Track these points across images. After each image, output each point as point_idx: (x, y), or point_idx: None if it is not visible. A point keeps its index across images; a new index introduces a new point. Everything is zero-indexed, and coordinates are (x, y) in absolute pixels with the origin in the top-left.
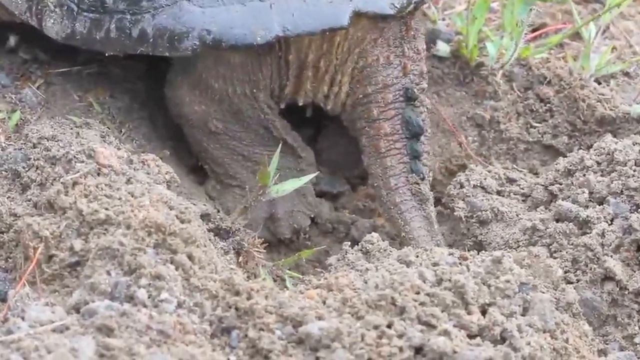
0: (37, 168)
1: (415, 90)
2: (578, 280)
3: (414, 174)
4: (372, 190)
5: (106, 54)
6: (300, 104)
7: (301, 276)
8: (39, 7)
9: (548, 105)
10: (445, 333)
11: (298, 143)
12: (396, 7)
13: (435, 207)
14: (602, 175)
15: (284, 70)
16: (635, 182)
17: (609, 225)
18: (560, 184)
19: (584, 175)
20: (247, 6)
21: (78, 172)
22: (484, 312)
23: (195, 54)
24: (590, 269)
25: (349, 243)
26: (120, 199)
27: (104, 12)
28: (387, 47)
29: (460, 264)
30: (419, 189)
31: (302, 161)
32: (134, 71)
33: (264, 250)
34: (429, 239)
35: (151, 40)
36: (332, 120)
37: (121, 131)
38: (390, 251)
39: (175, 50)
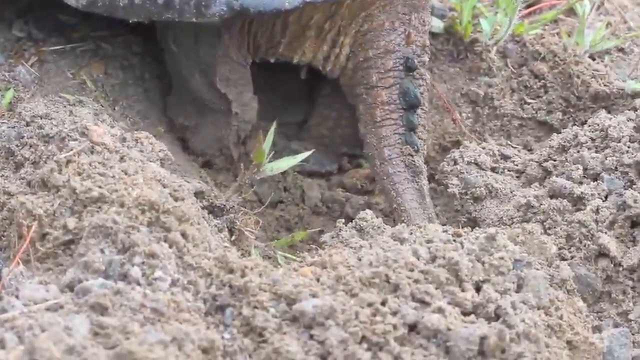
0: (30, 146)
1: (415, 61)
2: (572, 257)
3: (408, 146)
4: (365, 171)
5: (130, 21)
6: (295, 62)
7: (295, 258)
8: None
9: (542, 81)
10: (439, 310)
11: (232, 90)
12: None
13: (429, 183)
14: (596, 152)
15: (280, 29)
16: (629, 158)
17: (603, 201)
18: (555, 161)
19: (578, 151)
20: None
21: (71, 150)
22: (478, 289)
23: (222, 20)
24: (585, 246)
25: (343, 220)
26: (113, 177)
27: None
28: (394, 14)
29: (454, 240)
30: (413, 161)
31: (234, 117)
32: (128, 49)
33: (256, 231)
34: (421, 212)
35: (177, 6)
36: (324, 96)
37: (115, 109)
38: (384, 228)
39: (202, 16)
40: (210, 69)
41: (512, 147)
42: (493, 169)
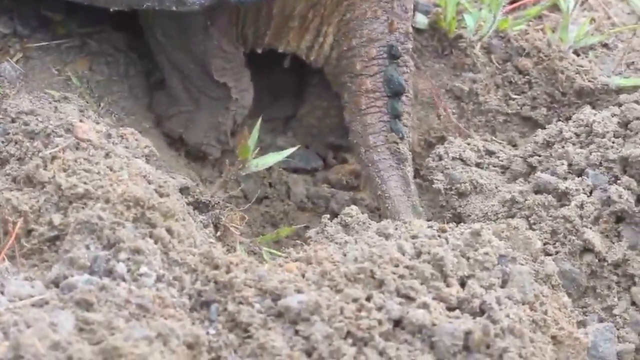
0: (15, 142)
1: (399, 48)
2: (557, 252)
3: (393, 133)
4: (351, 166)
5: (110, 10)
6: (280, 51)
7: (280, 254)
8: None
9: (527, 77)
10: (424, 306)
11: (236, 85)
12: None
13: (414, 179)
14: (580, 147)
15: (265, 19)
16: (613, 153)
17: (588, 197)
18: (539, 156)
19: (563, 147)
20: None
21: (57, 146)
22: (462, 285)
23: (203, 10)
24: (569, 241)
25: (328, 216)
26: (99, 173)
27: None
28: (376, 2)
29: (439, 236)
30: (398, 148)
31: (233, 103)
32: (113, 45)
33: (241, 227)
34: (405, 199)
35: None
36: (314, 85)
37: (100, 105)
38: (369, 224)
39: (182, 5)
40: (204, 60)
41: (497, 142)
42: (478, 165)
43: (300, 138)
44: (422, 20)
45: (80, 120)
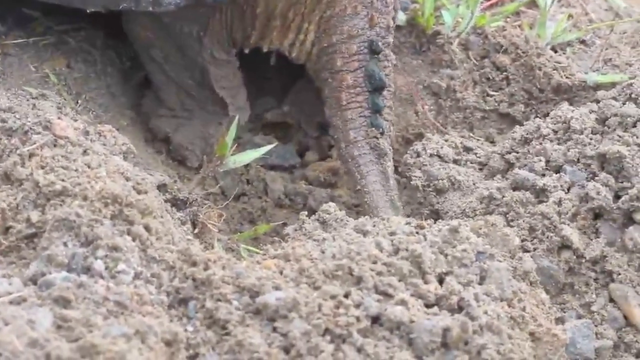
0: None
1: (380, 43)
2: (535, 249)
3: (373, 128)
4: (329, 163)
5: (87, 11)
6: (265, 50)
7: (258, 251)
8: None
9: (504, 73)
10: (403, 302)
11: (228, 93)
12: None
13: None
14: (558, 144)
15: (250, 21)
16: (591, 150)
17: (566, 193)
18: (517, 153)
19: (541, 143)
20: None
21: (34, 143)
22: (441, 281)
23: (178, 10)
24: (547, 238)
25: (306, 213)
26: (76, 170)
27: None
28: None
29: (417, 233)
30: (378, 143)
31: (227, 120)
32: (91, 42)
33: (219, 224)
34: (384, 193)
35: None
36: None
37: (78, 102)
38: (347, 221)
39: (158, 5)
40: (202, 72)
41: (475, 139)
42: (456, 161)
43: (292, 114)
44: (400, 17)
45: (58, 118)
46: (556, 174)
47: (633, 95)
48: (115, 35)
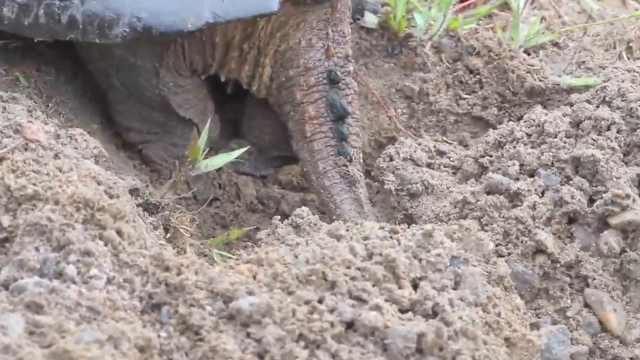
0: None
1: (338, 72)
2: (509, 254)
3: (341, 157)
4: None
5: (35, 40)
6: (222, 80)
7: (231, 256)
8: None
9: (477, 76)
10: (377, 308)
11: (194, 113)
12: None
13: (365, 180)
14: (532, 147)
15: (210, 52)
16: (565, 153)
17: (540, 197)
18: (491, 156)
19: (514, 147)
20: None
21: (5, 147)
22: (415, 287)
23: (125, 41)
24: (522, 242)
25: (279, 217)
26: (48, 174)
27: None
28: (309, 30)
29: (390, 237)
30: (347, 171)
31: (195, 129)
32: (62, 45)
33: (191, 228)
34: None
35: (81, 26)
36: (248, 105)
37: (48, 105)
38: (321, 225)
39: (105, 37)
40: (165, 102)
41: (448, 143)
42: (429, 165)
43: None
44: (371, 20)
45: (29, 121)
46: (530, 177)
47: (607, 98)
48: None
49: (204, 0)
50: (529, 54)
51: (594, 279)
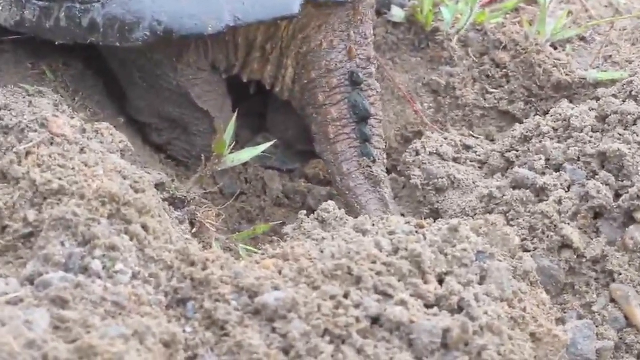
0: None
1: (360, 74)
2: (535, 249)
3: (365, 157)
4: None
5: (56, 43)
6: (245, 80)
7: (257, 251)
8: None
9: (504, 70)
10: (402, 303)
11: (213, 106)
12: None
13: (390, 174)
14: (558, 142)
15: (233, 52)
16: (591, 148)
17: (566, 192)
18: (517, 151)
19: (541, 141)
20: None
21: (31, 141)
22: (441, 282)
23: (146, 45)
24: (548, 237)
25: (305, 212)
26: (73, 168)
27: (53, 1)
28: (331, 32)
29: (416, 232)
30: (372, 171)
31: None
32: None
33: (217, 223)
34: None
35: (102, 30)
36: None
37: (75, 99)
38: (347, 220)
39: (125, 40)
40: (182, 95)
41: (474, 137)
42: (455, 160)
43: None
44: (398, 14)
45: (55, 115)
46: (556, 172)
47: (633, 93)
48: None
49: (224, 3)
50: (555, 48)
51: (620, 274)
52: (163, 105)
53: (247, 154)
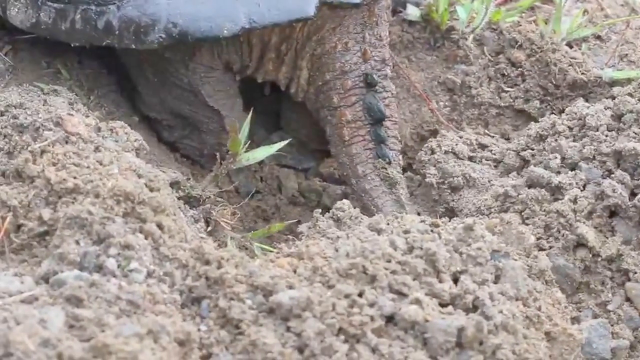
0: (4, 136)
1: (375, 76)
2: (550, 247)
3: (380, 159)
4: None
5: (72, 45)
6: (259, 81)
7: (272, 250)
8: None
9: (519, 69)
10: (417, 302)
11: (223, 105)
12: None
13: (406, 173)
14: (574, 141)
15: (247, 53)
16: (607, 147)
17: (581, 191)
18: (532, 150)
19: (556, 140)
20: None
21: (46, 140)
22: (455, 280)
23: (162, 47)
24: (563, 236)
25: (320, 210)
26: (88, 167)
27: (69, 3)
28: (346, 34)
29: (431, 231)
30: (387, 173)
31: (223, 123)
32: None
33: (233, 222)
34: None
35: (117, 32)
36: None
37: (90, 98)
38: (362, 218)
39: (141, 43)
40: (195, 94)
41: (490, 136)
42: (470, 158)
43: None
44: (414, 12)
45: (70, 114)
46: (572, 171)
47: None
48: None
49: (239, 5)
50: (571, 47)
51: (635, 272)
52: (174, 102)
53: (263, 152)
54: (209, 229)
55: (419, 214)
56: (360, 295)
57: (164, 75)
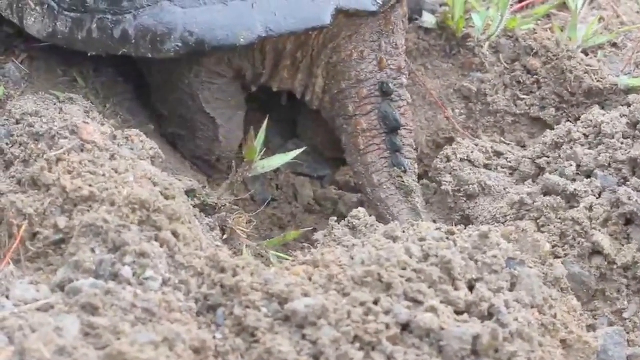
0: (20, 144)
1: (391, 84)
2: (566, 255)
3: (395, 168)
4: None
5: (89, 54)
6: (275, 90)
7: (288, 258)
8: (20, 4)
9: (535, 77)
10: (432, 309)
11: (221, 114)
12: (379, 3)
13: (422, 180)
14: (589, 148)
15: (260, 60)
16: (622, 154)
17: (597, 198)
18: (548, 157)
19: (572, 148)
20: (228, 6)
21: (62, 148)
22: (471, 288)
23: (178, 56)
24: (579, 244)
25: (336, 218)
26: (104, 175)
27: (85, 12)
28: (362, 43)
29: (447, 239)
30: (403, 182)
31: (217, 146)
32: None
33: (248, 230)
34: None
35: (133, 41)
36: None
37: (105, 106)
38: (377, 226)
39: (157, 51)
40: (191, 96)
41: (506, 143)
42: (486, 166)
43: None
44: (429, 20)
45: (85, 122)
46: (587, 179)
47: None
48: None
49: (255, 13)
50: (587, 55)
51: None
52: (174, 103)
53: (278, 160)
54: (225, 237)
55: (434, 222)
56: (375, 303)
57: (169, 74)
